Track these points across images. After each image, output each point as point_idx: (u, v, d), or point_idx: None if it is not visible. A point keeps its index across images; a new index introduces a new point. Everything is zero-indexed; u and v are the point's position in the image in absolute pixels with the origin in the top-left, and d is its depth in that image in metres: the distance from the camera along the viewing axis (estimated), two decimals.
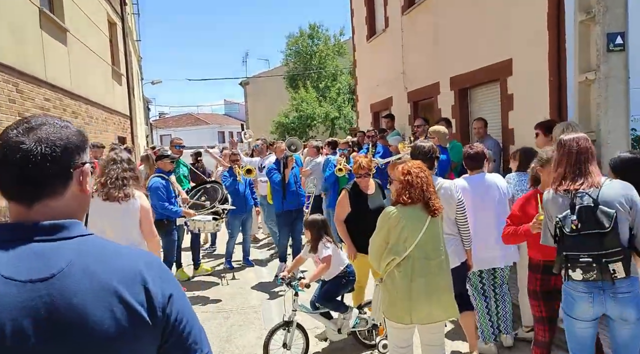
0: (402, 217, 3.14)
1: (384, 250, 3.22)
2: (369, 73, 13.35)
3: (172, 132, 45.04)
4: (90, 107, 10.76)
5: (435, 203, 3.22)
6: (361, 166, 4.79)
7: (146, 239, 4.14)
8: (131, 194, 4.00)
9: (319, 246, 4.43)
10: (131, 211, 4.01)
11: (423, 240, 3.16)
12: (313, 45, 28.96)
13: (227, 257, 8.02)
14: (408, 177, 3.21)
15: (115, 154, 4.11)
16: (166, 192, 6.24)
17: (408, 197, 3.16)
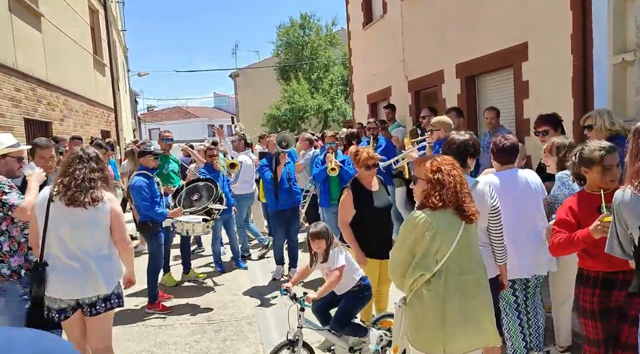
0: (432, 224, 2.56)
1: (409, 264, 2.64)
2: (365, 62, 12.73)
3: (160, 125, 44.33)
4: (70, 98, 10.05)
5: (471, 207, 2.65)
6: (370, 156, 4.35)
7: (118, 247, 3.55)
8: (100, 198, 3.39)
9: (330, 253, 3.85)
10: (100, 217, 3.41)
11: (457, 251, 2.59)
12: (304, 36, 28.27)
13: (216, 259, 7.44)
14: (438, 175, 2.63)
15: (81, 151, 3.48)
16: (150, 192, 5.62)
17: (438, 199, 2.58)
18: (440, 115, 7.15)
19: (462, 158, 3.31)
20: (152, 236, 5.84)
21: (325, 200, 6.74)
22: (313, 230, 3.88)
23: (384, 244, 4.40)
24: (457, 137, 3.46)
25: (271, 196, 6.71)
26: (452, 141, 3.44)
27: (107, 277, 3.45)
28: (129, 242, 3.61)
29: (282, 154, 6.53)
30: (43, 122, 8.41)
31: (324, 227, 3.87)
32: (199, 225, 6.04)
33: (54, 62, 9.24)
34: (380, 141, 7.47)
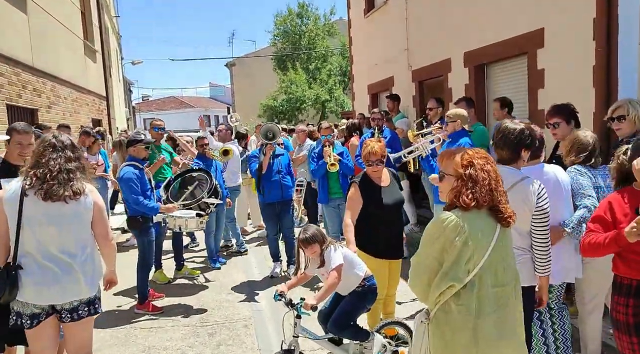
0: (463, 228, 2.19)
1: (435, 274, 2.27)
2: (366, 51, 12.32)
3: (155, 115, 43.93)
4: (58, 85, 9.59)
5: (507, 208, 2.28)
6: (372, 152, 4.00)
7: (100, 243, 3.19)
8: (81, 190, 3.01)
9: (325, 254, 3.48)
10: (82, 211, 3.04)
11: (492, 259, 2.22)
12: (302, 25, 27.76)
13: (211, 255, 7.07)
14: (470, 170, 2.26)
15: (54, 138, 3.08)
16: (140, 184, 5.23)
17: (471, 198, 2.21)
18: (446, 105, 6.82)
19: (516, 150, 2.95)
20: (143, 231, 5.45)
21: (325, 196, 6.35)
22: (303, 236, 3.50)
23: (393, 243, 4.14)
24: (512, 125, 2.99)
25: (258, 188, 6.50)
26: (508, 130, 2.97)
27: (90, 279, 3.09)
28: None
29: (268, 146, 6.19)
30: (28, 109, 7.96)
31: (314, 231, 3.52)
32: (193, 220, 5.66)
33: (41, 47, 8.77)
34: (385, 133, 7.07)
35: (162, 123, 6.83)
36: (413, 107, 9.64)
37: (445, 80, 8.27)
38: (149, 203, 5.21)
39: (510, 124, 3.02)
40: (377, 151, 4.00)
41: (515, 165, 2.97)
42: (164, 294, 5.95)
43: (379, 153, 4.01)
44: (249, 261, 7.46)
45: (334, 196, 6.28)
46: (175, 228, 5.69)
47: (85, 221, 3.06)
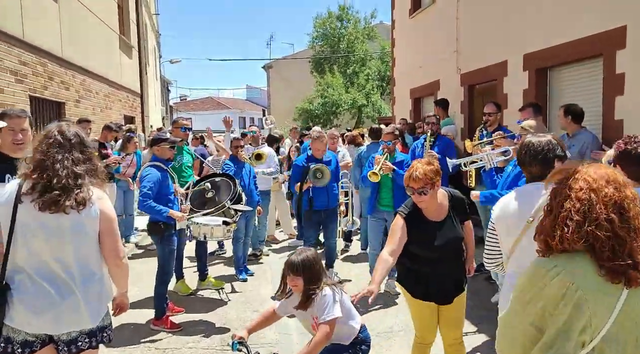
0: (574, 285, 1.52)
1: (533, 344, 1.61)
2: (410, 53, 11.64)
3: (192, 115, 44.29)
4: (89, 78, 9.27)
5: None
6: (414, 177, 3.06)
7: (108, 262, 2.62)
8: (87, 198, 2.47)
9: (319, 297, 2.82)
10: (87, 223, 2.49)
11: (619, 327, 1.54)
12: (342, 28, 27.20)
13: (238, 266, 6.53)
14: (592, 194, 1.59)
15: (59, 134, 2.54)
16: (159, 187, 4.72)
17: (586, 241, 1.55)
18: (503, 110, 6.09)
19: (548, 162, 2.57)
20: (164, 239, 4.93)
21: (372, 205, 5.71)
22: (292, 260, 2.89)
23: (448, 287, 3.33)
24: (536, 138, 2.66)
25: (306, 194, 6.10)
26: (532, 144, 2.61)
27: (94, 305, 2.55)
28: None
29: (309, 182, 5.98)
30: (54, 102, 7.62)
31: (308, 258, 2.87)
32: (219, 228, 5.12)
33: (72, 38, 8.45)
34: (441, 139, 6.42)
35: (188, 123, 6.37)
36: (461, 113, 8.91)
37: (500, 85, 7.53)
38: (157, 207, 4.68)
39: (532, 138, 2.68)
40: (419, 176, 3.04)
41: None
42: (183, 308, 5.42)
43: (423, 179, 3.04)
44: (279, 272, 6.87)
45: (382, 207, 5.65)
46: (199, 237, 5.16)
47: (88, 233, 2.51)
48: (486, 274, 6.07)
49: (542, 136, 2.68)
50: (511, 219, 2.58)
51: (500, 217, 2.65)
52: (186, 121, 6.38)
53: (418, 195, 3.10)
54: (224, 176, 5.70)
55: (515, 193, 2.64)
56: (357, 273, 6.66)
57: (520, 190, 2.65)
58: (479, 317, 4.99)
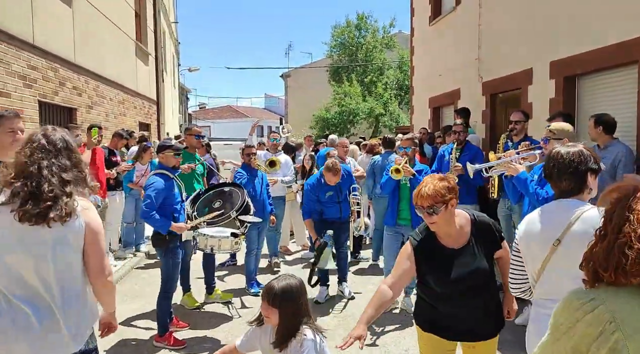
0: (613, 323, 1.24)
1: None
2: (429, 61, 11.35)
3: (211, 123, 44.54)
4: (102, 84, 9.17)
5: None
6: (421, 195, 2.54)
7: (92, 281, 2.36)
8: (72, 210, 2.23)
9: (295, 343, 2.43)
10: (70, 236, 2.25)
11: None
12: (360, 37, 27.02)
13: (249, 279, 6.27)
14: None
15: (43, 137, 2.32)
16: (164, 197, 4.50)
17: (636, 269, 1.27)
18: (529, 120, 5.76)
19: (580, 176, 2.26)
20: (168, 252, 4.69)
21: (392, 217, 5.41)
22: (270, 285, 2.48)
23: (471, 329, 2.75)
24: (566, 149, 2.33)
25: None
26: (561, 155, 2.30)
27: (77, 327, 2.30)
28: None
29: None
30: (65, 108, 7.49)
31: (291, 288, 2.46)
32: (227, 241, 4.88)
33: (85, 43, 8.35)
34: (469, 149, 6.12)
35: (201, 131, 6.17)
36: (482, 122, 8.58)
37: (525, 94, 7.20)
38: (159, 218, 4.45)
39: (561, 148, 2.34)
40: (427, 193, 2.50)
41: (577, 198, 2.26)
42: (188, 323, 5.18)
43: (433, 196, 2.50)
44: None
45: (400, 221, 5.35)
46: (206, 249, 4.92)
47: (72, 248, 2.27)
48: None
49: (572, 146, 2.35)
50: (536, 241, 2.28)
51: (524, 237, 2.36)
52: (199, 129, 6.17)
53: (428, 215, 2.55)
54: (233, 185, 5.48)
55: (541, 211, 2.34)
56: (372, 289, 6.34)
57: (546, 208, 2.34)
58: (503, 341, 4.64)
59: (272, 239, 7.26)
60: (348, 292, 5.98)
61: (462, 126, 6.26)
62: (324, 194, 5.78)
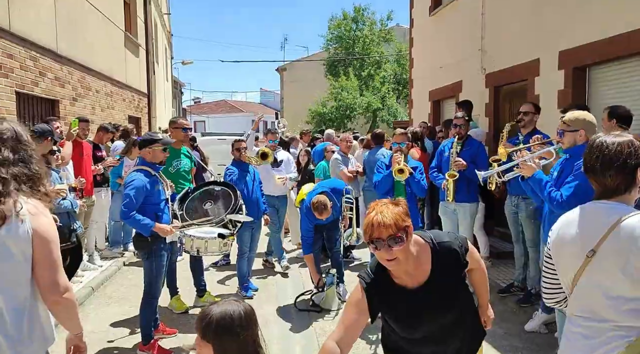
0: None
1: None
2: (429, 53, 10.99)
3: (205, 118, 44.05)
4: (88, 76, 8.75)
5: None
6: (381, 223, 1.97)
7: (44, 298, 2.00)
8: (12, 211, 1.87)
9: None
10: (10, 244, 1.89)
11: None
12: (357, 30, 26.60)
13: (242, 282, 5.92)
14: None
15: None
16: (145, 196, 4.15)
17: None
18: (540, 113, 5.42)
19: (627, 171, 1.86)
20: (152, 255, 4.32)
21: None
22: (205, 312, 1.87)
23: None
24: (612, 139, 1.91)
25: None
26: (607, 146, 1.90)
27: (25, 351, 1.95)
28: (64, 290, 2.01)
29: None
30: (46, 100, 7.09)
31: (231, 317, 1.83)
32: (214, 242, 4.55)
33: (70, 32, 7.92)
34: (471, 143, 5.73)
35: (189, 124, 5.77)
36: (486, 116, 8.24)
37: (531, 86, 6.86)
38: (142, 219, 4.09)
39: (607, 137, 1.93)
40: (387, 221, 1.97)
41: (621, 198, 1.86)
42: (177, 330, 4.83)
43: (395, 223, 1.97)
44: (284, 287, 6.27)
45: None
46: (192, 251, 4.59)
47: (14, 257, 1.90)
48: (517, 296, 5.39)
49: (618, 136, 1.95)
50: (568, 249, 1.92)
51: (556, 243, 2.00)
52: (186, 122, 5.77)
53: (389, 248, 1.96)
54: (225, 185, 5.13)
55: (577, 213, 1.97)
56: None
57: (584, 209, 1.96)
58: (512, 348, 4.33)
59: (276, 241, 6.92)
60: (345, 294, 5.65)
61: (463, 119, 5.85)
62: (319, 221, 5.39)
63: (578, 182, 3.29)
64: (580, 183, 3.28)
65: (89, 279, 6.37)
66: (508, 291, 5.55)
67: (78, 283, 6.13)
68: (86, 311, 5.46)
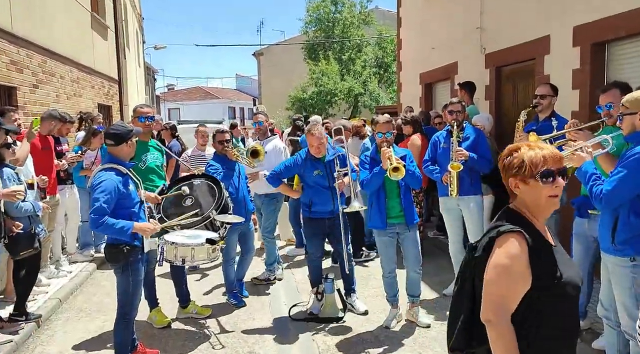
0: None
1: None
2: (420, 32, 10.37)
3: (180, 105, 42.86)
4: (50, 60, 7.88)
5: None
6: (555, 155, 1.83)
7: None
8: None
9: None
10: None
11: None
12: (336, 12, 25.80)
13: (230, 289, 5.30)
14: None
15: None
16: (123, 198, 3.48)
17: None
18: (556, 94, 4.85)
19: None
20: (127, 268, 3.65)
21: (380, 219, 4.41)
22: None
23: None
24: None
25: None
26: None
27: None
28: None
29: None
30: (2, 87, 6.26)
31: None
32: (202, 249, 3.91)
33: (28, 12, 7.06)
34: (468, 131, 5.14)
35: (151, 111, 4.86)
36: (486, 99, 7.69)
37: (539, 65, 6.31)
38: (116, 223, 3.39)
39: None
40: (558, 154, 1.88)
41: None
42: (158, 351, 4.19)
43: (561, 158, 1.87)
44: (277, 291, 5.68)
45: (392, 220, 4.39)
46: (176, 261, 3.93)
47: None
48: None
49: None
50: None
51: None
52: (147, 109, 4.87)
53: (559, 179, 1.80)
54: (205, 177, 4.47)
55: None
56: (370, 295, 5.43)
57: None
58: None
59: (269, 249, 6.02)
60: (360, 306, 5.00)
61: (460, 104, 5.20)
62: (310, 173, 4.71)
63: (625, 173, 2.75)
64: (627, 175, 2.73)
65: (57, 288, 5.67)
66: None
67: (43, 294, 5.43)
68: (53, 328, 4.79)
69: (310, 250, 5.03)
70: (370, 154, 4.54)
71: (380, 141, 4.37)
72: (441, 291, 5.38)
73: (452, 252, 5.25)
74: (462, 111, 5.15)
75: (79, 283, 5.96)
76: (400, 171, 4.09)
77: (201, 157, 6.41)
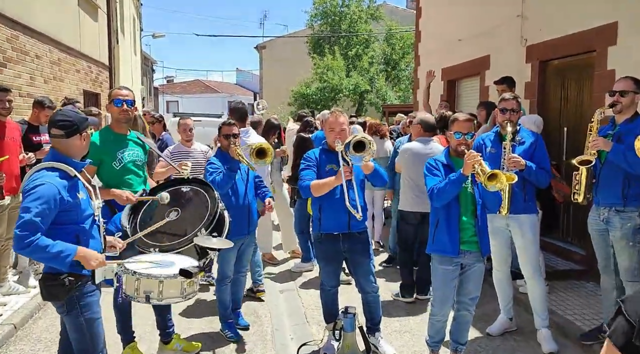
0: None
1: None
2: (443, 23, 9.37)
3: (179, 98, 41.87)
4: (23, 36, 6.77)
5: None
6: None
7: None
8: None
9: None
10: None
11: None
12: (343, 6, 24.77)
13: (225, 317, 4.28)
14: None
15: None
16: (70, 207, 2.48)
17: None
18: (596, 97, 3.86)
19: None
20: (71, 306, 2.61)
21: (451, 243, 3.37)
22: None
23: None
24: None
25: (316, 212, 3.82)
26: None
27: None
28: None
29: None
30: None
31: None
32: (173, 282, 2.76)
33: None
34: (523, 134, 4.13)
35: (130, 95, 3.80)
36: (525, 98, 6.68)
37: (602, 58, 5.32)
38: (50, 246, 2.37)
39: None
40: None
41: None
42: None
43: None
44: (281, 320, 4.67)
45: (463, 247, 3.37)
46: (137, 297, 2.77)
47: None
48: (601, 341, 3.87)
49: None
50: None
51: None
52: (126, 91, 3.83)
53: None
54: (196, 182, 3.45)
55: None
56: (395, 330, 4.42)
57: None
58: None
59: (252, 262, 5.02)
60: (387, 349, 3.98)
61: (516, 101, 4.23)
62: (323, 168, 3.71)
63: None
64: None
65: (13, 310, 4.65)
66: (595, 338, 4.05)
67: None
68: None
69: (323, 279, 4.02)
70: (443, 159, 3.51)
71: (459, 143, 3.37)
72: (484, 329, 4.38)
73: (497, 279, 4.33)
74: (517, 110, 4.14)
75: (42, 303, 4.92)
76: (498, 179, 3.08)
77: (186, 154, 5.44)
